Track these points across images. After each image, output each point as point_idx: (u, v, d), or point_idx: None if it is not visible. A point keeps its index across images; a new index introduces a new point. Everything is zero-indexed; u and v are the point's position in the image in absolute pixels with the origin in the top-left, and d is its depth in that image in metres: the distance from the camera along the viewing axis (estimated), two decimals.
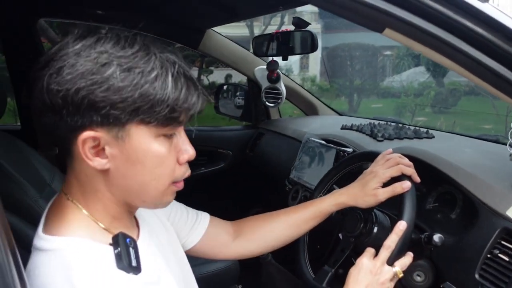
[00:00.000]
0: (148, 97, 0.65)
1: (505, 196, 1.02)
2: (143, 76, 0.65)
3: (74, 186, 0.72)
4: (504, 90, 0.83)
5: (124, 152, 0.69)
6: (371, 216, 1.12)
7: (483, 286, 0.96)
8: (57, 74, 0.64)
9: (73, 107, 0.64)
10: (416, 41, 0.81)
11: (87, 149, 0.67)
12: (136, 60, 0.65)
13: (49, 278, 0.65)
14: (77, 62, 0.64)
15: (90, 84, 0.63)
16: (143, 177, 0.71)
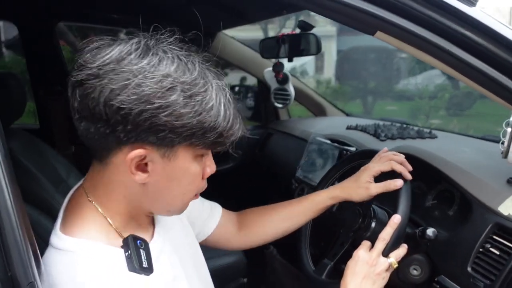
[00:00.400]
0: (203, 124, 0.69)
1: (498, 193, 1.05)
2: (202, 104, 0.68)
3: (100, 189, 0.75)
4: (489, 88, 0.88)
5: (166, 170, 0.73)
6: (370, 212, 1.16)
7: (475, 278, 0.99)
8: (120, 91, 0.65)
9: (132, 126, 0.66)
10: (406, 43, 0.86)
11: (133, 164, 0.70)
12: (197, 88, 0.68)
13: (57, 280, 0.69)
14: (143, 83, 0.65)
15: (155, 108, 0.65)
16: (175, 192, 0.77)
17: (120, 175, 0.72)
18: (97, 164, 0.75)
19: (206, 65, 0.72)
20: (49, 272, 0.71)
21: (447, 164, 1.20)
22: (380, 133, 1.61)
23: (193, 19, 1.96)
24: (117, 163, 0.71)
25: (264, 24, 8.61)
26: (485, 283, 0.97)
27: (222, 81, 0.73)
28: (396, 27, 0.83)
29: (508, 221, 0.99)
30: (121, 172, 0.72)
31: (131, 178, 0.72)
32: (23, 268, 0.55)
